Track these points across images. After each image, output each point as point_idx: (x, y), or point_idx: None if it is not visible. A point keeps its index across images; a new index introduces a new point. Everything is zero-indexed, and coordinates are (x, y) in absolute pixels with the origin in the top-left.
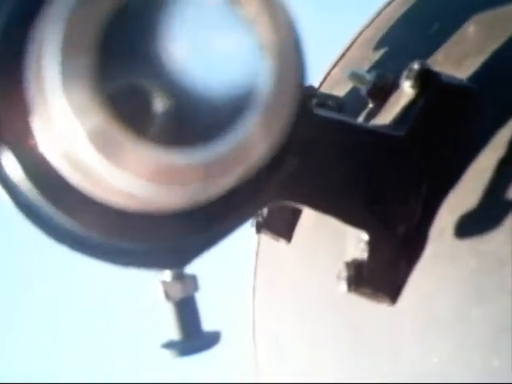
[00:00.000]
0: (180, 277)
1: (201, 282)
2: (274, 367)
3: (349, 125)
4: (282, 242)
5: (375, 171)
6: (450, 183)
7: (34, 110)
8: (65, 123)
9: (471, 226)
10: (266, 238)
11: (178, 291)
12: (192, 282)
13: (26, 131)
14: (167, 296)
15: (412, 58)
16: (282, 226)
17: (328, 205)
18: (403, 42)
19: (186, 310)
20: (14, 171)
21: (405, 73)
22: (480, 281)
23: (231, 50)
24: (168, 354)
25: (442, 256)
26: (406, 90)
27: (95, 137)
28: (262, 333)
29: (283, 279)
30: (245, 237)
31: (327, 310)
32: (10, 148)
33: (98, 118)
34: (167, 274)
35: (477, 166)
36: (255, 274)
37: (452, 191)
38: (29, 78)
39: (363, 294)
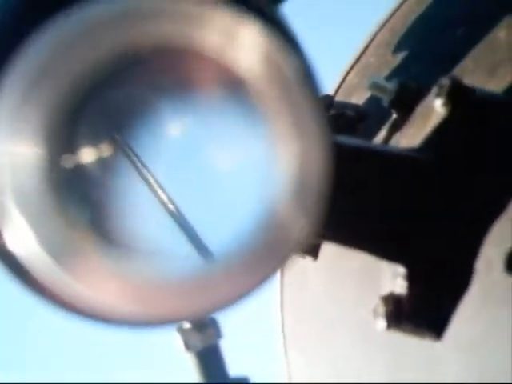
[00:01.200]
0: (200, 324)
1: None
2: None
3: (379, 152)
4: (308, 260)
5: (407, 200)
6: (494, 211)
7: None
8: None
9: None
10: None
11: (198, 340)
12: (213, 329)
13: None
14: (187, 346)
15: (437, 65)
16: (308, 243)
17: (359, 241)
18: (425, 46)
19: (209, 359)
20: None
21: (434, 89)
22: None
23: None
24: None
25: (492, 294)
26: (437, 108)
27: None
28: (293, 348)
29: (310, 297)
30: None
31: (357, 333)
32: None
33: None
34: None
35: None
36: (282, 291)
37: (497, 220)
38: None
39: (404, 330)
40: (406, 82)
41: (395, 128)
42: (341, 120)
